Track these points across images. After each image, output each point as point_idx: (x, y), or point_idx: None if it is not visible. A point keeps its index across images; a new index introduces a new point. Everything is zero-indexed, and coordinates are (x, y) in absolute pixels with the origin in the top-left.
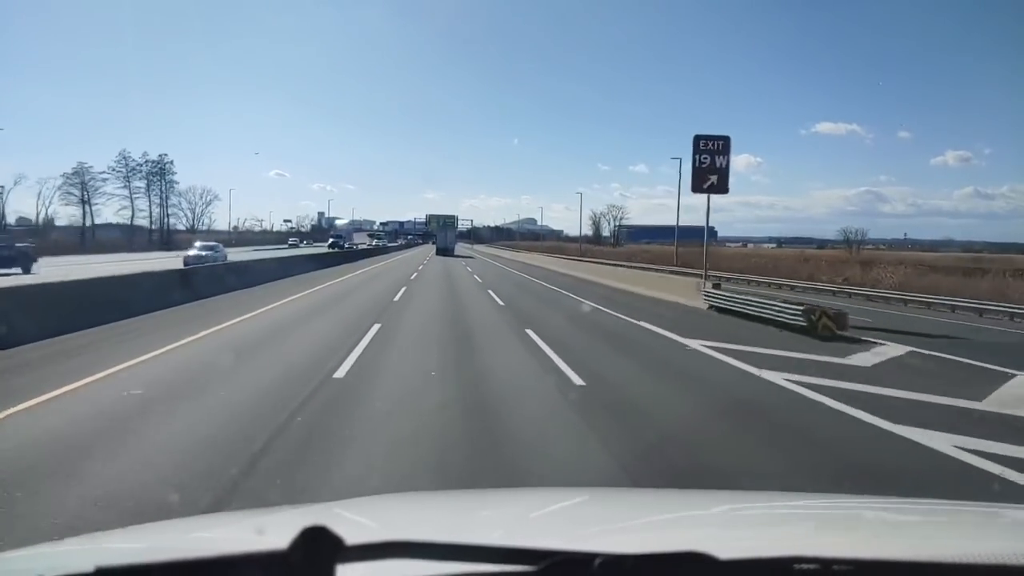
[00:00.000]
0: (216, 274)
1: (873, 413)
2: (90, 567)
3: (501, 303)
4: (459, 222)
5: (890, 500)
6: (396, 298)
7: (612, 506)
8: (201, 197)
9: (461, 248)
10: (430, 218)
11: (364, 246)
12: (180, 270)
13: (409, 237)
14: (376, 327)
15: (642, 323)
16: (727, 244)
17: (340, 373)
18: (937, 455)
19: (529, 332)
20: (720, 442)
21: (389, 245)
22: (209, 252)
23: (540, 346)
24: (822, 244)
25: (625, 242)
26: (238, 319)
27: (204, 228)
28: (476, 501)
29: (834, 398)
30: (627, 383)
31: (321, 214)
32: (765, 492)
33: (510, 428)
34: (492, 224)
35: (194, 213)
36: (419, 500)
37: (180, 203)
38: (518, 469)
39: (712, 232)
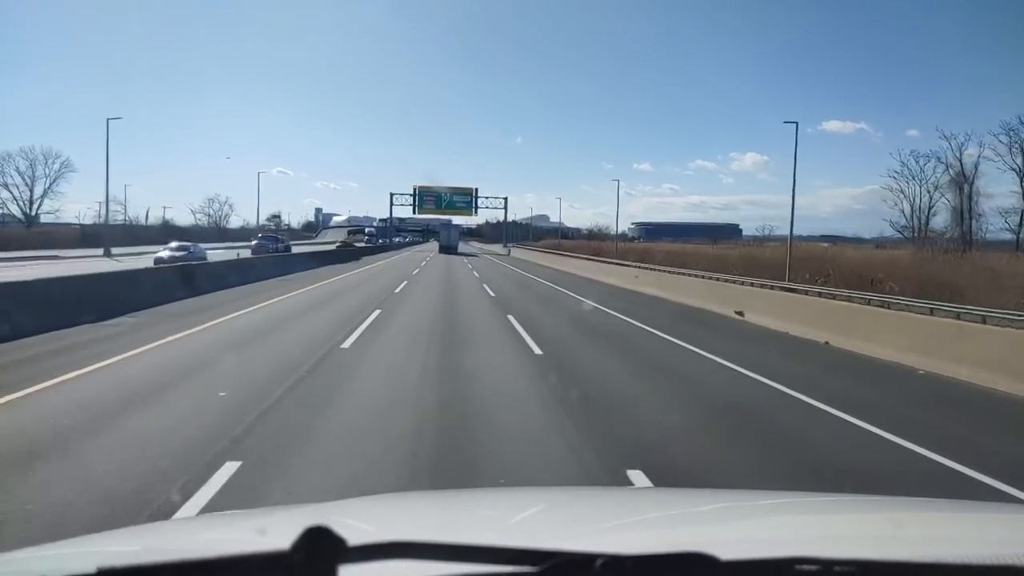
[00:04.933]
0: None
1: None
2: (92, 568)
3: None
4: (477, 202)
5: (891, 500)
6: None
7: (610, 505)
8: (44, 164)
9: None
10: (420, 191)
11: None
12: None
13: (373, 235)
14: None
15: None
16: (748, 243)
17: None
18: None
19: None
20: None
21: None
22: None
23: None
24: (877, 242)
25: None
26: None
27: (50, 215)
28: (475, 500)
29: None
30: None
31: (319, 210)
32: (764, 491)
33: None
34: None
35: (30, 191)
36: (418, 500)
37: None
38: None
39: (737, 230)
